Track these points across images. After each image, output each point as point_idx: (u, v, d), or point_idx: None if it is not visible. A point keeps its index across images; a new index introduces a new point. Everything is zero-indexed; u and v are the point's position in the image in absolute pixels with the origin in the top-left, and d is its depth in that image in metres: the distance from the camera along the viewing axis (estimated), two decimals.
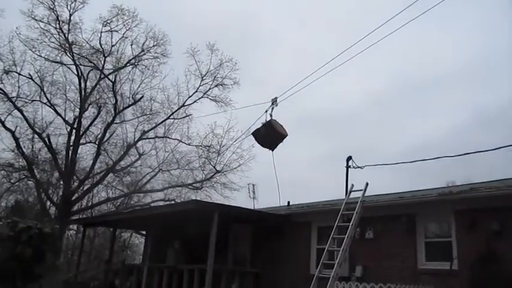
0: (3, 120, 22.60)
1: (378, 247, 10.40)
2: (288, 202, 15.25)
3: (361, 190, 10.35)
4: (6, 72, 22.78)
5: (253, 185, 17.95)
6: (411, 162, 11.87)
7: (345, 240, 9.46)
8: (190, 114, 26.27)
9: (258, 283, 12.34)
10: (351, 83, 48.44)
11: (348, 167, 11.96)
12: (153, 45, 25.25)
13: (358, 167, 11.93)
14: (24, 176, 24.76)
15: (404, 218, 10.04)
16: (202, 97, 26.27)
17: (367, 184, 10.34)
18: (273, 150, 15.77)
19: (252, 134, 13.76)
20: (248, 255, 13.71)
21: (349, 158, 12.11)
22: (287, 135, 12.52)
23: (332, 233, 9.91)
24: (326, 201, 12.92)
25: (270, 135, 11.73)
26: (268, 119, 10.82)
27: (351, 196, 10.61)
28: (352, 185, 10.81)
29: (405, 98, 50.57)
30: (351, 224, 9.67)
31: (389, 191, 12.47)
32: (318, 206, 12.30)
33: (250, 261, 13.41)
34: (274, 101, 10.82)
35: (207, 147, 25.90)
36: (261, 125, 12.00)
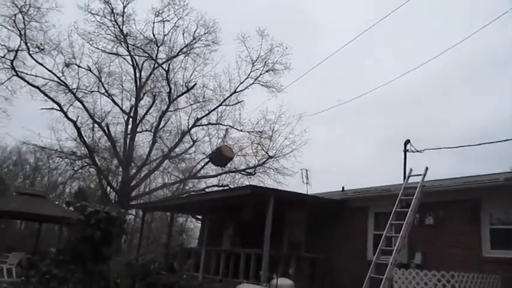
0: (65, 110, 23.75)
1: (439, 234, 10.08)
2: (343, 187, 15.08)
3: (420, 175, 10.09)
4: (67, 65, 23.83)
5: (306, 170, 17.86)
6: (476, 145, 11.29)
7: (403, 226, 9.26)
8: (242, 101, 26.49)
9: (314, 268, 12.34)
10: (410, 64, 46.71)
11: (406, 151, 11.57)
12: (204, 33, 25.55)
13: (417, 151, 11.52)
14: (86, 164, 25.99)
15: (467, 204, 9.65)
16: (253, 83, 26.36)
17: (426, 168, 10.05)
18: (223, 167, 22.40)
19: (208, 156, 20.06)
20: (303, 240, 13.74)
21: (407, 141, 11.71)
22: (233, 157, 18.03)
23: (390, 219, 9.73)
24: (383, 186, 12.65)
25: (219, 159, 16.69)
26: (219, 145, 14.62)
27: (410, 181, 10.34)
28: (411, 170, 10.54)
29: (465, 79, 48.11)
30: (409, 209, 9.45)
31: (449, 176, 12.02)
32: (375, 191, 12.07)
33: (305, 246, 13.43)
34: (227, 130, 14.12)
35: (259, 133, 26.02)
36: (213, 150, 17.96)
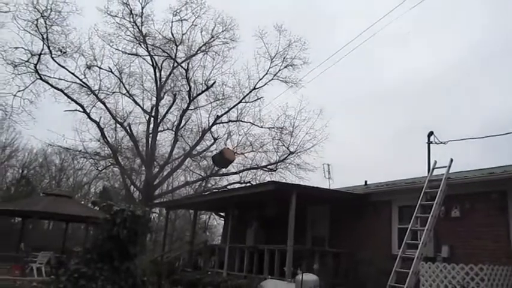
0: (88, 112, 24.18)
1: (466, 226, 9.89)
2: (365, 181, 14.96)
3: (444, 167, 9.95)
4: (89, 67, 24.20)
5: (328, 165, 17.71)
6: (501, 135, 11.01)
7: (429, 219, 9.15)
8: (261, 97, 26.46)
9: (338, 263, 12.28)
10: (431, 55, 45.88)
11: (429, 143, 11.37)
12: (222, 31, 25.54)
13: (441, 143, 11.31)
14: (110, 164, 26.41)
15: (494, 195, 9.45)
16: (272, 79, 26.27)
17: (451, 160, 9.91)
18: (225, 168, 23.85)
19: (212, 157, 21.15)
20: (326, 235, 13.69)
21: (431, 133, 11.50)
22: (234, 159, 19.61)
23: (415, 212, 9.64)
24: (407, 179, 12.50)
25: (221, 161, 18.61)
26: (223, 148, 16.03)
27: (434, 173, 10.19)
28: (435, 162, 10.39)
29: (485, 69, 47.00)
30: (435, 202, 9.33)
31: (475, 167, 11.79)
32: (399, 185, 11.93)
33: (329, 241, 13.38)
34: (229, 134, 17.02)
35: (280, 129, 25.99)
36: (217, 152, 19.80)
